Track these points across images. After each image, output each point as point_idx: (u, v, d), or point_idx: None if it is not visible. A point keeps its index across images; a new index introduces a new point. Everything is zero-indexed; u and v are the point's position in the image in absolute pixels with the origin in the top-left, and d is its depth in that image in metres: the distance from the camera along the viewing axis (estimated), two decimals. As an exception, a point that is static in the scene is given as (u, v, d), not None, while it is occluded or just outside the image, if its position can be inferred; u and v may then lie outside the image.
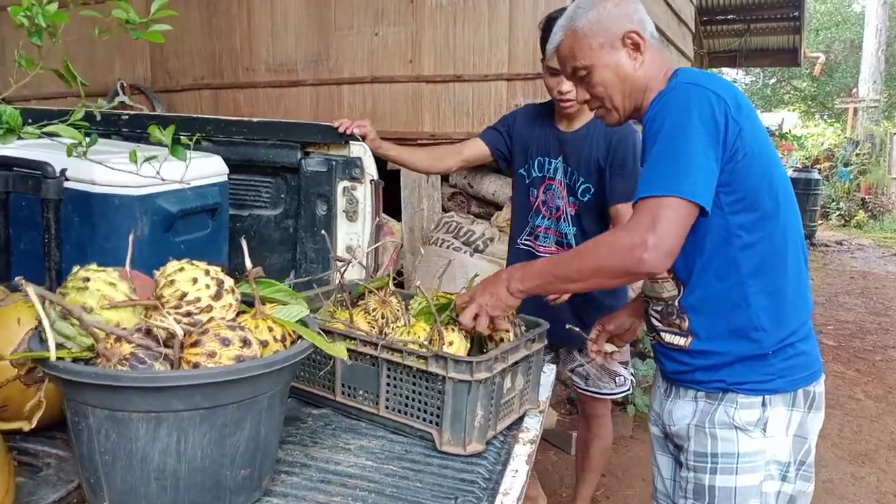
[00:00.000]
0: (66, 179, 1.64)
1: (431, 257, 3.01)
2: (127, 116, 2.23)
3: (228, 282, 1.14)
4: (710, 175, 1.31)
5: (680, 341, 1.52)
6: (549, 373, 1.87)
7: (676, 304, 1.49)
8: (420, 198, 3.32)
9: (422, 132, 3.23)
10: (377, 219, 2.12)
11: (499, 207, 3.27)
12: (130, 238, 1.21)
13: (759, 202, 1.38)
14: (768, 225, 1.41)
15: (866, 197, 13.44)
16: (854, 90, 16.66)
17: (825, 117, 21.93)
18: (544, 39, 2.16)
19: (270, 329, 1.13)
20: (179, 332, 1.01)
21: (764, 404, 1.45)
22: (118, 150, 1.67)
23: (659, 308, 1.54)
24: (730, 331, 1.46)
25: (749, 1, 9.97)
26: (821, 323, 6.41)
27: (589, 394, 2.51)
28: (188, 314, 1.08)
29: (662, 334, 1.55)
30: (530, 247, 2.37)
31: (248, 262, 1.12)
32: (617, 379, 2.51)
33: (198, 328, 1.04)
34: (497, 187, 3.30)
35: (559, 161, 2.27)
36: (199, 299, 1.08)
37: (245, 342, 1.04)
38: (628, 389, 2.57)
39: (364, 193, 2.04)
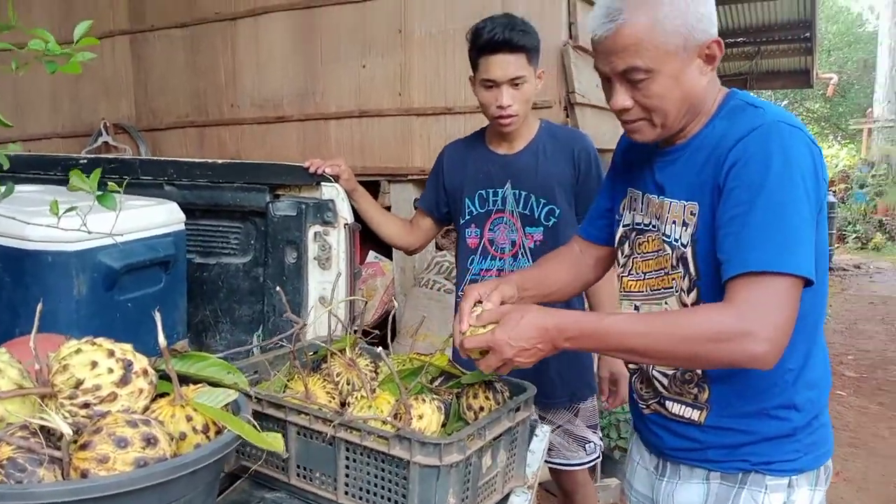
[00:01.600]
0: (-5, 235, 1.48)
1: (421, 300, 2.84)
2: (80, 160, 2.09)
3: (140, 363, 0.96)
4: (812, 245, 1.13)
5: (692, 414, 1.32)
6: (541, 437, 1.67)
7: (699, 370, 1.28)
8: (412, 236, 3.15)
9: (412, 167, 3.07)
10: (355, 266, 1.95)
11: (495, 245, 3.09)
12: (38, 306, 1.03)
13: (817, 266, 1.16)
14: (818, 291, 1.22)
15: (884, 219, 13.19)
16: (868, 111, 16.49)
17: (839, 139, 21.72)
18: (474, 50, 1.95)
19: (189, 418, 0.95)
20: (67, 431, 0.83)
21: (790, 486, 1.28)
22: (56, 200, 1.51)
23: (670, 373, 1.33)
24: (758, 409, 1.27)
25: (759, 23, 9.89)
26: (840, 353, 6.16)
27: (556, 466, 2.25)
28: (86, 405, 0.90)
29: (667, 403, 1.35)
30: None
31: (161, 339, 0.94)
32: (586, 446, 2.22)
33: (91, 425, 0.86)
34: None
35: (507, 189, 2.03)
36: (98, 387, 0.91)
37: (149, 441, 0.86)
38: (598, 457, 2.29)
39: (338, 238, 1.87)
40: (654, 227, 1.33)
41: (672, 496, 1.36)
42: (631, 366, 1.46)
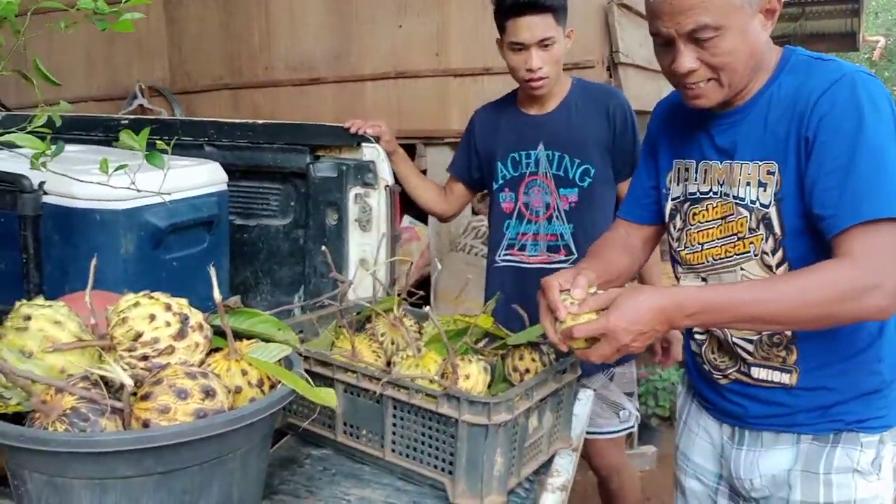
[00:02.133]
0: (45, 194, 1.49)
1: (458, 265, 2.83)
2: (122, 121, 2.09)
3: (196, 317, 0.96)
4: None
5: (781, 378, 1.27)
6: (584, 400, 1.66)
7: (788, 332, 1.24)
8: (448, 200, 3.13)
9: (449, 130, 3.04)
10: (395, 228, 1.94)
11: (531, 209, 3.06)
12: (92, 263, 1.04)
13: None
14: None
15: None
16: (916, 76, 15.96)
17: (886, 105, 21.11)
18: (500, 12, 1.90)
19: (245, 373, 0.96)
20: (128, 382, 0.84)
21: (881, 442, 1.26)
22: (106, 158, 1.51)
23: (754, 337, 1.28)
24: (849, 366, 1.24)
25: (804, -18, 9.59)
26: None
27: (586, 436, 2.17)
28: (144, 357, 0.91)
29: (753, 370, 1.30)
30: (515, 261, 2.04)
31: (216, 294, 0.94)
32: (620, 413, 2.14)
33: (151, 377, 0.87)
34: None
35: (540, 150, 1.99)
36: (157, 340, 0.91)
37: (208, 392, 0.87)
38: (632, 426, 2.20)
39: (378, 200, 1.86)
40: (716, 193, 1.29)
41: (756, 465, 1.32)
42: (698, 335, 1.39)
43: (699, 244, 1.33)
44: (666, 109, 1.45)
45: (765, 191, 1.21)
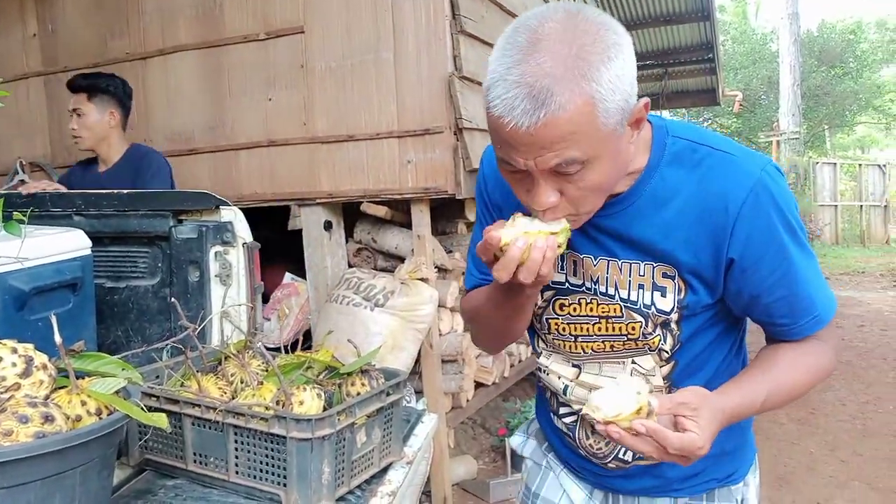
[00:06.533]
0: None
1: (332, 315, 3.02)
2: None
3: (41, 358, 1.13)
4: None
5: None
6: (427, 422, 1.88)
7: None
8: (324, 256, 3.34)
9: (320, 191, 3.27)
10: (255, 281, 2.14)
11: (402, 260, 3.31)
12: (-49, 320, 1.19)
13: None
14: None
15: (796, 224, 13.92)
16: (775, 124, 17.46)
17: (752, 151, 22.78)
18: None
19: (84, 403, 1.13)
20: (-24, 414, 1.00)
21: (745, 484, 1.34)
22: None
23: None
24: None
25: (666, 46, 10.52)
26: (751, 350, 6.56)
27: None
28: (-7, 394, 1.07)
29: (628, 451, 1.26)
30: None
31: (56, 337, 1.12)
32: None
33: (-3, 408, 1.03)
34: (399, 241, 3.35)
35: None
36: (3, 378, 1.08)
37: (47, 418, 1.04)
38: None
39: (237, 257, 2.05)
40: (590, 289, 1.20)
41: None
42: (566, 416, 1.35)
43: (571, 335, 1.25)
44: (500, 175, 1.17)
45: (663, 296, 1.14)
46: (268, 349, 1.56)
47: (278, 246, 3.46)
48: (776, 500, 3.56)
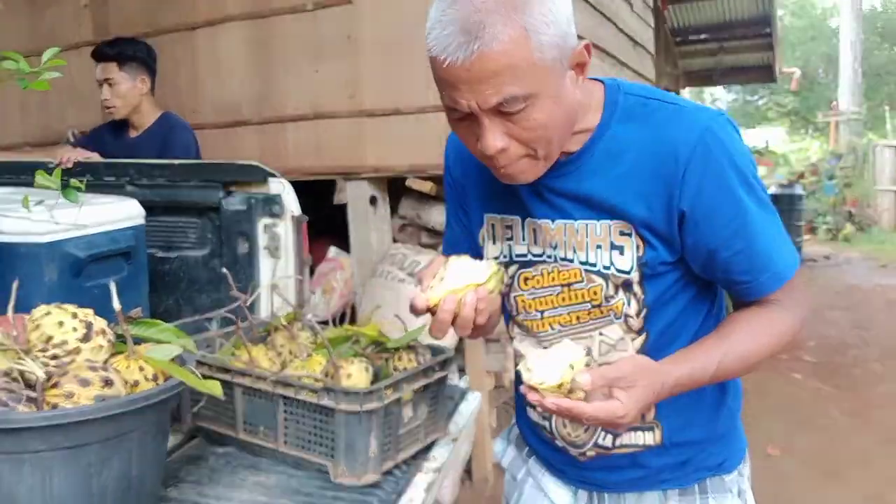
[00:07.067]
0: (-27, 229, 1.66)
1: (377, 290, 3.04)
2: (49, 164, 2.27)
3: (99, 324, 1.16)
4: None
5: (646, 438, 1.21)
6: (471, 401, 1.88)
7: None
8: (368, 231, 3.35)
9: (365, 166, 3.27)
10: (303, 254, 2.15)
11: (446, 237, 3.30)
12: (14, 284, 1.22)
13: None
14: None
15: (853, 209, 13.51)
16: (834, 104, 16.93)
17: (810, 132, 22.20)
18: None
19: (141, 369, 1.15)
20: (40, 375, 1.02)
21: (740, 474, 1.28)
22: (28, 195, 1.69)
23: None
24: (704, 406, 1.22)
25: (721, 20, 10.24)
26: (803, 339, 6.43)
27: None
28: (55, 357, 1.10)
29: (618, 437, 1.21)
30: None
31: (115, 303, 1.14)
32: None
33: (59, 370, 1.06)
34: (443, 217, 3.33)
35: None
36: (65, 342, 1.10)
37: (107, 382, 1.06)
38: None
39: (285, 230, 2.06)
40: (550, 257, 1.18)
41: None
42: (538, 413, 1.30)
43: (537, 311, 1.22)
44: (463, 151, 1.20)
45: (621, 254, 1.12)
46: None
47: (323, 220, 3.48)
48: (823, 494, 3.48)
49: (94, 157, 2.57)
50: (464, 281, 1.07)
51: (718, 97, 23.71)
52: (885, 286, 8.83)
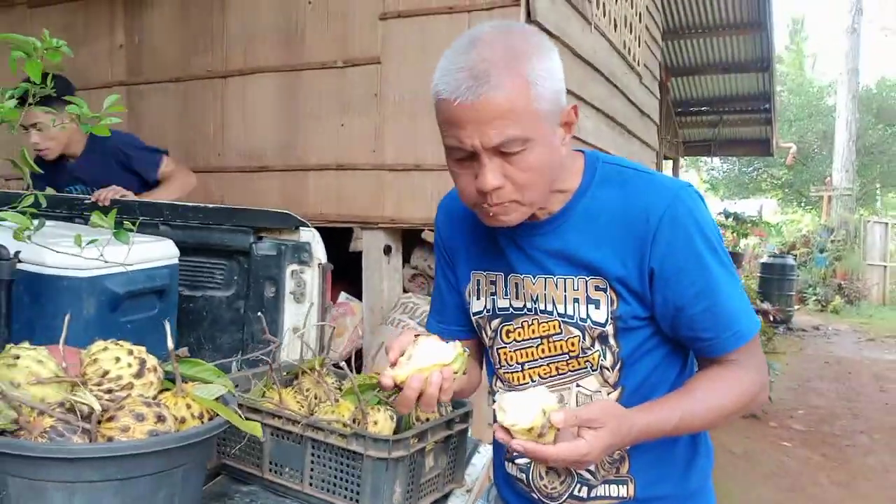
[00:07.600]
0: (19, 261, 1.73)
1: (387, 337, 3.09)
2: (87, 201, 2.35)
3: (151, 361, 1.21)
4: None
5: (619, 491, 1.25)
6: (483, 453, 1.93)
7: None
8: (381, 279, 3.42)
9: (383, 216, 3.36)
10: (325, 300, 2.21)
11: (457, 290, 3.36)
12: (66, 318, 1.29)
13: None
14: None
15: (842, 282, 13.68)
16: (828, 179, 17.22)
17: (802, 204, 22.53)
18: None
19: (189, 406, 1.20)
20: (97, 408, 1.08)
21: None
22: (71, 234, 1.76)
23: None
24: (678, 458, 1.27)
25: (722, 94, 10.54)
26: (791, 408, 6.46)
27: None
28: (109, 391, 1.15)
29: (593, 489, 1.26)
30: None
31: (169, 343, 1.20)
32: None
33: (115, 404, 1.11)
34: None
35: None
36: (120, 377, 1.16)
37: (160, 418, 1.11)
38: None
39: (312, 276, 2.13)
40: (531, 310, 1.26)
41: None
42: (521, 458, 1.34)
43: (518, 363, 1.30)
44: (457, 210, 1.33)
45: (597, 308, 1.19)
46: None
47: (336, 266, 3.55)
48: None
49: (129, 195, 2.65)
50: (430, 360, 1.17)
51: (714, 166, 24.15)
52: (873, 360, 8.91)
